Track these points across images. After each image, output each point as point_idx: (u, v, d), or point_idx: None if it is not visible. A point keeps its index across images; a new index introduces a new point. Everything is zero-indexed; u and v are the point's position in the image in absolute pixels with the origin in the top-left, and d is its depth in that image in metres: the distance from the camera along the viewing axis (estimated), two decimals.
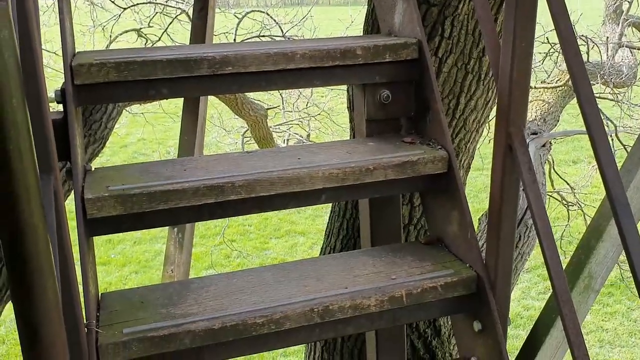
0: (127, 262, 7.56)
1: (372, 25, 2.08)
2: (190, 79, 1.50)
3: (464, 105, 2.12)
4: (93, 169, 1.51)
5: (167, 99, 1.57)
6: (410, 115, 1.72)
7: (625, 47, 5.12)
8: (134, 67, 1.43)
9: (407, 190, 1.82)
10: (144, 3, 5.21)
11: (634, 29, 5.79)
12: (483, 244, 2.04)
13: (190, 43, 3.37)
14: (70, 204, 1.99)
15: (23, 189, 0.76)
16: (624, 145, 4.65)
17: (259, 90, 1.65)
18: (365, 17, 2.15)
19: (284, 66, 1.56)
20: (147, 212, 1.37)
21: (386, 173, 1.51)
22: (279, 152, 1.62)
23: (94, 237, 1.45)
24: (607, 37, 5.05)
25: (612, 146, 4.71)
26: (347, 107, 2.35)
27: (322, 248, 2.41)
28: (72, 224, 1.22)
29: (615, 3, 5.26)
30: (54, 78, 5.36)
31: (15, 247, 0.80)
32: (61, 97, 1.41)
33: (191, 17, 3.83)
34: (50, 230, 1.06)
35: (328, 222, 2.37)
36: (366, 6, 2.20)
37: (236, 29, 5.08)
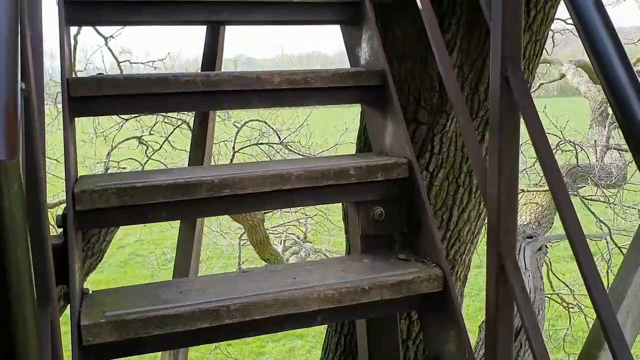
0: None
1: (364, 142, 2.16)
2: (189, 202, 1.54)
3: (457, 217, 2.16)
4: (90, 291, 1.52)
5: (165, 221, 1.60)
6: (403, 231, 1.75)
7: (614, 149, 5.26)
8: (134, 193, 1.48)
9: (403, 309, 1.82)
10: (146, 114, 5.41)
11: (620, 130, 5.97)
12: (484, 354, 2.01)
13: (190, 152, 3.47)
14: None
15: (22, 334, 0.78)
16: (618, 247, 4.68)
17: (256, 210, 1.69)
18: (358, 134, 2.24)
19: (280, 187, 1.60)
20: (143, 338, 1.36)
21: (382, 293, 1.52)
22: (274, 271, 1.63)
23: None
24: (595, 140, 5.21)
25: (607, 248, 4.73)
26: (342, 218, 2.40)
27: None
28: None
29: (600, 107, 5.46)
30: (54, 183, 5.44)
31: None
32: (62, 222, 1.45)
33: (192, 127, 3.96)
34: None
35: (325, 337, 2.35)
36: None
37: (235, 138, 5.25)
